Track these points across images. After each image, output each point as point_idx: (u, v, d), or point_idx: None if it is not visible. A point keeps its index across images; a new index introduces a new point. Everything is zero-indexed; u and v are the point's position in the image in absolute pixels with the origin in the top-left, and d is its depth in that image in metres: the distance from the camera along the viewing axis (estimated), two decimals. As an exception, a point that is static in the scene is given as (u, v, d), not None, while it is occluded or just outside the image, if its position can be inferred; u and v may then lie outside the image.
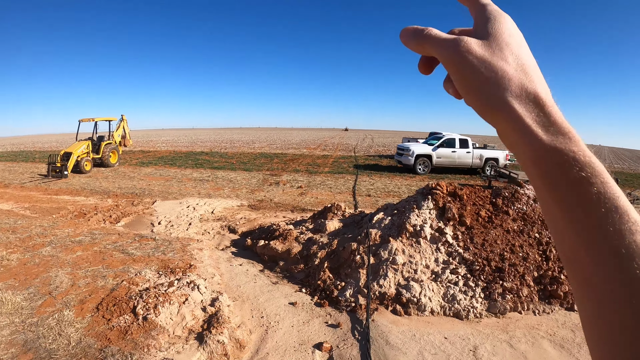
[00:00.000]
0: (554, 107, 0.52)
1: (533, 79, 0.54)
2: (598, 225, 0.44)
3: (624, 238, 0.42)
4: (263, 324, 5.89)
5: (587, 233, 0.44)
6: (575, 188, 0.46)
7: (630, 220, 0.43)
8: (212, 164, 28.78)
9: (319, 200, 15.74)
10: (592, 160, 0.47)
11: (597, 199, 0.45)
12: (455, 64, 0.57)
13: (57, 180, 20.58)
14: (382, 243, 7.43)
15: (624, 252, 0.41)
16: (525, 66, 0.55)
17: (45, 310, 5.54)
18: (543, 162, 0.49)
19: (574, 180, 0.47)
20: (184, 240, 9.11)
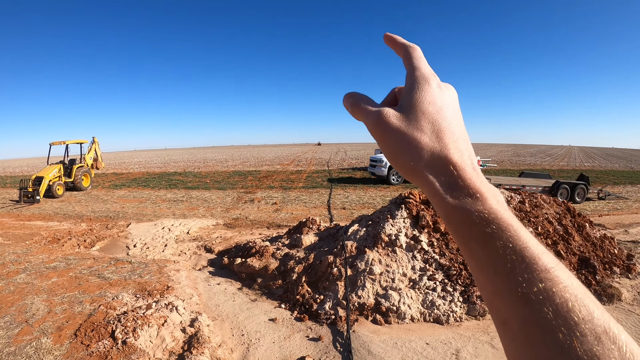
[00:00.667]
0: (465, 170, 0.57)
1: (447, 144, 0.59)
2: (507, 275, 0.49)
3: (532, 286, 0.47)
4: (244, 341, 5.86)
5: (498, 283, 0.50)
6: (482, 243, 0.52)
7: (539, 268, 0.48)
8: (186, 184, 28.57)
9: (294, 216, 15.74)
10: (499, 216, 0.53)
11: (503, 252, 0.50)
12: (376, 135, 0.65)
13: (29, 205, 20.17)
14: (358, 254, 7.48)
15: (533, 298, 0.46)
16: (441, 133, 0.60)
17: (22, 339, 5.43)
18: (452, 220, 0.55)
19: (479, 236, 0.52)
20: (160, 262, 9.03)
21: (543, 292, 0.46)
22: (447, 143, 0.59)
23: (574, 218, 9.39)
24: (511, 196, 9.64)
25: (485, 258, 0.51)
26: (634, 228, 13.07)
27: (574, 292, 0.46)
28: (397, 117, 0.62)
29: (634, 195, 22.00)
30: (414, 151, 0.59)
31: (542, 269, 0.48)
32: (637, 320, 6.45)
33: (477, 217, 0.53)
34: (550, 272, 0.47)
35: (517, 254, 0.49)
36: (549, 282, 0.47)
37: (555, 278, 0.47)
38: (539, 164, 49.36)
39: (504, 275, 0.49)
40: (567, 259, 7.86)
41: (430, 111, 0.61)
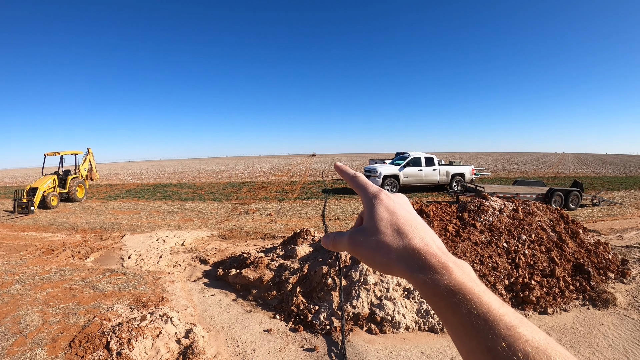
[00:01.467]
0: (428, 252, 0.67)
1: (408, 236, 0.70)
2: (475, 336, 0.56)
3: (496, 344, 0.53)
4: (239, 352, 5.84)
5: (469, 343, 0.57)
6: (452, 312, 0.60)
7: (501, 327, 0.55)
8: (181, 195, 28.48)
9: (289, 227, 15.72)
10: (463, 287, 0.61)
11: (469, 317, 0.57)
12: (354, 253, 0.77)
13: (24, 216, 20.06)
14: (352, 264, 7.48)
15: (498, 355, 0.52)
16: (399, 229, 0.71)
17: (16, 350, 5.39)
18: (427, 295, 0.64)
19: (449, 305, 0.60)
20: (155, 273, 9.00)
21: (506, 348, 0.52)
22: (407, 234, 0.70)
23: (567, 225, 9.42)
24: (505, 204, 9.67)
25: (457, 324, 0.59)
26: (628, 233, 13.12)
27: (536, 344, 0.52)
28: (362, 233, 0.75)
29: (627, 200, 22.08)
30: (383, 251, 0.71)
31: (504, 327, 0.55)
32: (632, 324, 6.46)
33: (445, 290, 0.61)
34: (511, 330, 0.55)
35: (480, 319, 0.57)
36: (511, 339, 0.53)
37: (517, 334, 0.54)
38: (533, 172, 49.51)
39: (472, 337, 0.56)
40: (562, 265, 7.88)
41: (385, 217, 0.74)
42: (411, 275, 0.66)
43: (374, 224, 0.73)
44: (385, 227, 0.72)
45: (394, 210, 0.75)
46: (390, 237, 0.71)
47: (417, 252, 0.67)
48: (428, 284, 0.63)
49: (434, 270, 0.64)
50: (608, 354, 5.66)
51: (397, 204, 0.77)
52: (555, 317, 6.84)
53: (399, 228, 0.71)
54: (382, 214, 0.74)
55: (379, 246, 0.71)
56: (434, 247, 0.68)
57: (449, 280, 0.62)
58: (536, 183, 22.45)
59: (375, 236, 0.72)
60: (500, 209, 9.34)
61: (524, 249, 8.01)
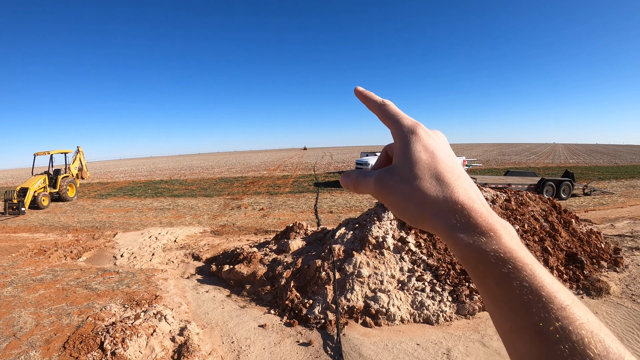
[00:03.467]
0: (474, 208, 0.57)
1: (450, 186, 0.59)
2: (524, 314, 0.49)
3: (549, 324, 0.47)
4: (234, 349, 5.81)
5: (515, 321, 0.50)
6: (499, 283, 0.51)
7: (556, 306, 0.48)
8: (172, 192, 28.42)
9: (282, 221, 15.72)
10: (514, 255, 0.52)
11: (520, 292, 0.50)
12: (380, 197, 0.66)
13: (15, 217, 19.97)
14: (346, 257, 7.46)
15: (550, 336, 0.47)
16: (440, 175, 0.60)
17: (10, 353, 5.32)
18: (468, 261, 0.54)
19: (496, 275, 0.52)
20: (148, 271, 8.94)
21: (560, 330, 0.46)
22: (450, 184, 0.59)
23: (560, 214, 9.45)
24: (497, 195, 9.68)
25: (502, 297, 0.51)
26: (620, 222, 13.21)
27: (590, 328, 0.47)
28: (394, 174, 0.64)
29: (618, 190, 22.26)
30: (418, 201, 0.60)
31: (559, 307, 0.48)
32: (626, 312, 6.49)
33: (493, 257, 0.53)
34: (566, 310, 0.48)
35: (533, 293, 0.49)
36: (566, 320, 0.47)
37: (572, 315, 0.47)
38: (524, 162, 49.79)
39: (521, 314, 0.49)
40: (555, 254, 7.90)
41: (423, 158, 0.62)
42: (450, 234, 0.56)
43: (408, 165, 0.62)
44: (422, 172, 0.61)
45: (434, 151, 0.63)
46: (428, 184, 0.60)
47: (460, 207, 0.57)
48: (472, 248, 0.54)
49: (480, 232, 0.55)
50: (603, 342, 5.68)
51: (437, 144, 0.65)
52: (549, 307, 6.86)
53: (439, 174, 0.60)
54: (419, 154, 0.62)
55: (413, 194, 0.60)
56: (479, 204, 0.58)
57: (497, 245, 0.53)
58: (528, 173, 22.54)
59: (410, 181, 0.61)
60: (492, 200, 9.35)
61: (517, 239, 8.02)
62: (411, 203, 0.60)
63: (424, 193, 0.59)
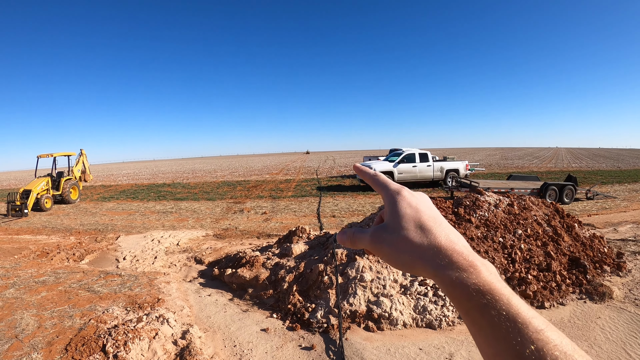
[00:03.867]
0: (454, 250, 0.65)
1: (432, 233, 0.68)
2: (503, 339, 0.55)
3: (525, 347, 0.53)
4: (236, 353, 5.81)
5: (496, 346, 0.56)
6: (480, 312, 0.58)
7: (530, 331, 0.54)
8: (175, 195, 28.40)
9: (284, 225, 15.70)
10: (492, 287, 0.60)
11: (498, 320, 0.56)
12: (375, 251, 0.75)
13: (17, 219, 19.92)
14: (348, 262, 7.45)
15: (527, 359, 0.52)
16: (423, 225, 0.69)
17: (12, 355, 5.32)
18: (454, 295, 0.62)
19: (478, 306, 0.59)
20: (150, 274, 8.94)
21: (535, 352, 0.52)
22: (432, 231, 0.68)
23: (562, 219, 9.43)
24: (500, 199, 9.67)
25: (484, 325, 0.58)
26: (623, 226, 13.17)
27: (563, 349, 0.52)
28: (385, 229, 0.73)
29: (621, 194, 22.18)
30: (406, 248, 0.68)
31: (534, 331, 0.54)
32: (629, 317, 6.47)
33: (474, 290, 0.60)
34: (540, 334, 0.54)
35: (510, 320, 0.56)
36: (540, 343, 0.53)
37: (545, 338, 0.53)
38: (527, 167, 49.67)
39: (500, 339, 0.55)
40: (557, 259, 7.88)
41: (409, 213, 0.71)
42: (437, 273, 0.64)
43: (397, 220, 0.71)
44: (408, 224, 0.70)
45: (417, 206, 0.72)
46: (413, 233, 0.69)
47: (442, 249, 0.65)
48: (456, 284, 0.62)
49: (462, 269, 0.62)
50: (606, 347, 5.67)
51: (419, 201, 0.74)
52: (552, 311, 6.84)
53: (422, 225, 0.69)
54: (405, 210, 0.72)
55: (402, 243, 0.69)
56: (460, 245, 0.67)
57: (477, 279, 0.61)
58: (530, 178, 22.50)
59: (398, 233, 0.70)
60: (495, 204, 9.34)
61: (520, 243, 8.00)
62: (401, 252, 0.69)
63: (411, 241, 0.68)
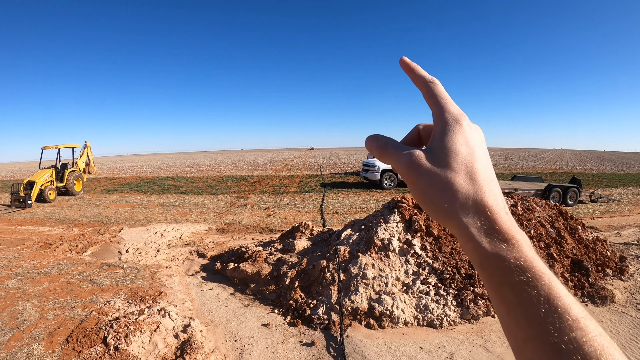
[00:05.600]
0: (499, 214, 0.57)
1: (482, 187, 0.58)
2: (539, 323, 0.49)
3: (564, 335, 0.47)
4: (237, 347, 5.82)
5: (529, 330, 0.50)
6: (516, 291, 0.51)
7: (571, 318, 0.48)
8: (179, 188, 28.43)
9: (287, 221, 15.71)
10: (534, 264, 0.52)
11: (537, 301, 0.50)
12: (407, 177, 0.63)
13: (21, 210, 20.00)
14: (351, 259, 7.46)
15: (563, 347, 0.47)
16: (474, 175, 0.59)
17: (13, 345, 5.35)
18: (487, 267, 0.54)
19: (515, 283, 0.52)
20: (152, 267, 8.97)
21: (573, 341, 0.47)
22: (482, 185, 0.59)
23: (566, 221, 9.41)
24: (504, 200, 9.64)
25: (518, 305, 0.51)
26: (626, 230, 13.13)
27: (601, 341, 0.47)
28: (430, 158, 0.62)
29: (625, 197, 22.13)
30: (448, 193, 0.59)
31: (573, 319, 0.48)
32: (631, 321, 6.46)
33: (514, 265, 0.53)
34: (580, 322, 0.48)
35: (550, 304, 0.50)
36: (579, 332, 0.48)
37: (585, 328, 0.48)
38: (531, 168, 49.57)
39: (536, 323, 0.49)
40: (560, 261, 7.87)
41: (463, 152, 0.61)
42: (472, 237, 0.56)
43: (447, 154, 0.61)
44: (459, 165, 0.60)
45: (474, 149, 0.62)
46: (462, 179, 0.59)
47: (488, 210, 0.57)
48: (492, 254, 0.54)
49: (503, 239, 0.55)
50: (607, 350, 5.66)
51: (477, 143, 0.63)
52: (553, 314, 6.83)
53: (474, 173, 0.59)
54: (459, 147, 0.61)
55: (444, 185, 0.59)
56: (504, 212, 0.58)
57: (518, 253, 0.53)
58: (534, 179, 22.45)
59: (445, 171, 0.60)
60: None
61: (523, 244, 7.99)
62: (440, 194, 0.59)
63: (457, 188, 0.59)
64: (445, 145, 0.61)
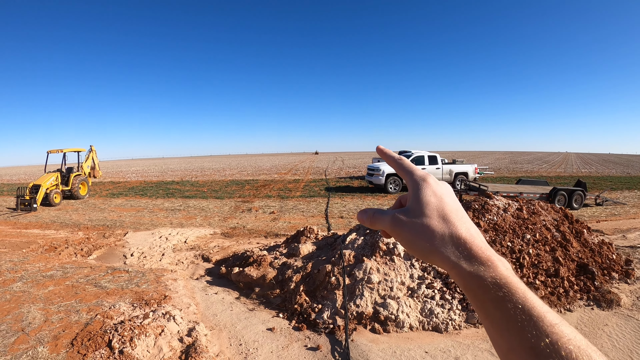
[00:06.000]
0: (474, 242, 0.67)
1: (454, 224, 0.69)
2: (518, 332, 0.56)
3: (540, 341, 0.54)
4: (242, 351, 5.83)
5: (511, 339, 0.57)
6: (496, 305, 0.60)
7: (545, 324, 0.56)
8: (184, 193, 28.51)
9: (292, 225, 15.72)
10: (509, 281, 0.62)
11: (514, 313, 0.58)
12: (394, 233, 0.75)
13: (26, 213, 20.11)
14: (356, 263, 7.45)
15: (541, 351, 0.53)
16: (446, 215, 0.71)
17: (18, 348, 5.36)
18: (470, 288, 0.64)
19: (494, 299, 0.60)
20: (157, 271, 8.98)
21: (549, 345, 0.53)
22: (454, 222, 0.70)
23: (571, 224, 9.38)
24: (509, 203, 9.63)
25: (499, 318, 0.59)
26: (632, 233, 13.07)
27: (577, 343, 0.54)
28: (407, 213, 0.74)
29: (631, 200, 22.03)
30: (427, 235, 0.70)
31: (548, 325, 0.55)
32: (637, 325, 6.43)
33: (491, 283, 0.62)
34: (555, 328, 0.55)
35: (525, 313, 0.57)
36: (554, 336, 0.54)
37: (560, 332, 0.55)
38: (536, 171, 49.44)
39: (515, 333, 0.57)
40: (566, 265, 7.84)
41: (432, 201, 0.72)
42: (455, 264, 0.66)
43: (420, 206, 0.72)
44: (431, 212, 0.71)
45: (442, 196, 0.73)
46: (436, 222, 0.70)
47: (462, 241, 0.67)
48: (472, 275, 0.63)
49: (479, 262, 0.64)
50: (612, 354, 5.63)
51: (444, 191, 0.75)
52: (559, 317, 6.81)
53: (445, 215, 0.70)
54: (429, 198, 0.73)
55: (423, 230, 0.70)
56: (479, 239, 0.68)
57: (494, 273, 0.62)
58: (539, 182, 22.39)
59: (421, 219, 0.71)
60: (504, 208, 9.30)
61: (528, 248, 7.97)
62: (421, 238, 0.70)
63: (432, 229, 0.69)
64: (417, 199, 0.74)
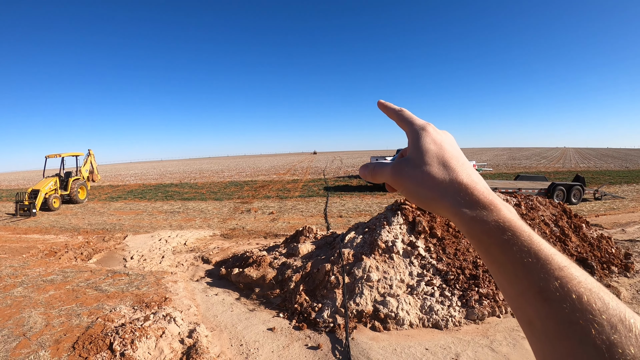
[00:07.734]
0: (476, 188, 0.65)
1: (455, 170, 0.68)
2: (525, 276, 0.54)
3: (549, 283, 0.52)
4: (243, 351, 5.83)
5: (518, 284, 0.55)
6: (501, 249, 0.58)
7: (553, 267, 0.53)
8: (183, 195, 28.52)
9: (291, 225, 15.72)
10: (513, 224, 0.59)
11: (520, 256, 0.55)
12: (395, 183, 0.75)
13: (26, 218, 20.11)
14: (355, 262, 7.46)
15: (551, 295, 0.51)
16: (446, 162, 0.69)
17: (20, 352, 5.36)
18: (474, 233, 0.62)
19: (499, 243, 0.58)
20: (157, 273, 8.98)
21: (559, 288, 0.51)
22: (455, 169, 0.68)
23: (570, 219, 9.39)
24: (507, 199, 9.63)
25: (505, 262, 0.57)
26: (631, 227, 13.09)
27: (588, 286, 0.51)
28: (407, 163, 0.73)
29: (630, 194, 22.07)
30: (428, 183, 0.69)
31: (557, 268, 0.53)
32: (636, 319, 6.44)
33: (494, 226, 0.60)
34: (564, 270, 0.53)
35: (532, 256, 0.55)
36: (564, 279, 0.52)
37: (569, 275, 0.52)
38: (535, 167, 49.46)
39: (522, 276, 0.54)
40: (565, 260, 7.86)
41: (432, 149, 0.71)
42: (457, 211, 0.64)
43: (420, 155, 0.72)
44: (431, 159, 0.70)
45: (441, 143, 0.72)
46: (436, 169, 0.69)
47: (464, 187, 0.66)
48: (475, 220, 0.62)
49: (482, 206, 0.63)
50: (613, 348, 5.64)
51: (444, 139, 0.74)
52: (559, 312, 6.82)
53: (445, 162, 0.70)
54: (429, 146, 0.72)
55: (424, 178, 0.69)
56: (481, 185, 0.67)
57: (497, 216, 0.61)
58: (538, 178, 22.40)
59: (421, 167, 0.70)
60: (502, 204, 9.29)
61: (527, 244, 7.98)
62: (422, 186, 0.69)
63: (433, 177, 0.68)
64: (417, 147, 0.73)
